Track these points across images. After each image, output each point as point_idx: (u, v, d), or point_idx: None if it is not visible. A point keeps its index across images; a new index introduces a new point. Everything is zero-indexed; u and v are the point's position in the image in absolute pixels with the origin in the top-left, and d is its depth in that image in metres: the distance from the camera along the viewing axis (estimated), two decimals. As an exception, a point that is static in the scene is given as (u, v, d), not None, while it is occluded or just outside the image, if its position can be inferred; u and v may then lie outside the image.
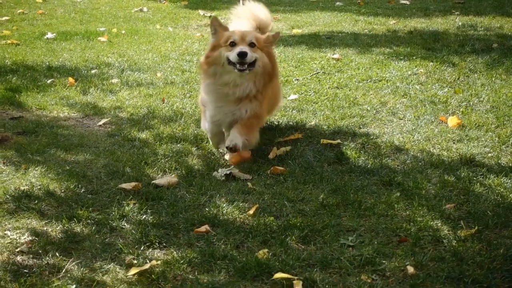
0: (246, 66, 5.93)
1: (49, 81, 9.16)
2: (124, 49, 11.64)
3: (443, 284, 4.02)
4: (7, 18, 15.23)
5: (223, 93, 6.09)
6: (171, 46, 11.95)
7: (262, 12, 7.22)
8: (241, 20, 7.18)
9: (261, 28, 7.00)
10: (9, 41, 12.23)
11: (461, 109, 7.58)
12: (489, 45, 10.87)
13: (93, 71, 9.80)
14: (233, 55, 5.93)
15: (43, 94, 8.58)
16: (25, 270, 4.22)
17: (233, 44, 6.02)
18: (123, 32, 13.42)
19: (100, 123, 7.47)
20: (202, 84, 6.47)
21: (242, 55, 5.87)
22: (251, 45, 6.03)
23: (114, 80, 9.28)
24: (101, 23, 14.73)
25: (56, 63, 10.38)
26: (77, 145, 6.65)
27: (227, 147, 5.99)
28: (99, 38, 12.65)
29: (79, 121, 7.63)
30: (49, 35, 12.91)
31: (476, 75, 9.05)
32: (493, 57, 9.88)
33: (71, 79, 9.13)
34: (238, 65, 5.92)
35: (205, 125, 6.50)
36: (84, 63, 10.41)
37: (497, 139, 6.55)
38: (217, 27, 6.24)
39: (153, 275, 4.15)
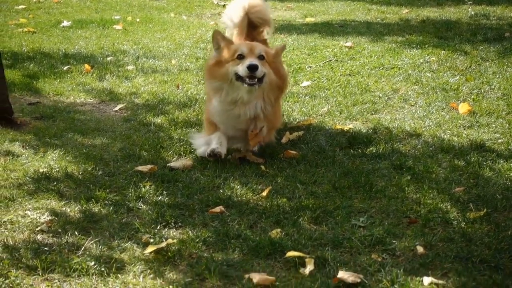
0: (256, 80, 5.59)
1: (65, 68, 9.29)
2: (139, 37, 11.77)
3: (451, 264, 4.12)
4: (23, 6, 15.39)
5: (234, 114, 5.81)
6: (185, 34, 12.07)
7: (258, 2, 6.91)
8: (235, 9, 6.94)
9: (259, 20, 6.83)
10: (25, 29, 12.37)
11: (472, 96, 7.67)
12: (501, 34, 10.95)
13: (108, 58, 9.93)
14: (242, 68, 5.58)
15: (60, 80, 8.72)
16: (45, 248, 4.35)
17: (241, 57, 5.67)
18: (137, 20, 13.55)
19: (116, 108, 7.60)
20: (207, 99, 6.27)
21: (252, 68, 5.52)
22: (260, 57, 5.70)
23: (130, 67, 9.40)
24: (116, 12, 14.86)
25: (72, 50, 10.52)
26: (93, 129, 6.78)
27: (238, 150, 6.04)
28: (114, 26, 12.78)
29: (95, 107, 7.76)
30: (65, 23, 13.06)
31: (487, 63, 9.12)
32: (505, 46, 9.96)
33: (87, 66, 9.26)
34: (247, 79, 5.58)
35: (201, 147, 6.01)
36: (100, 51, 10.54)
37: (507, 125, 6.64)
38: (220, 41, 5.88)
39: (169, 253, 4.27)
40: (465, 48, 9.98)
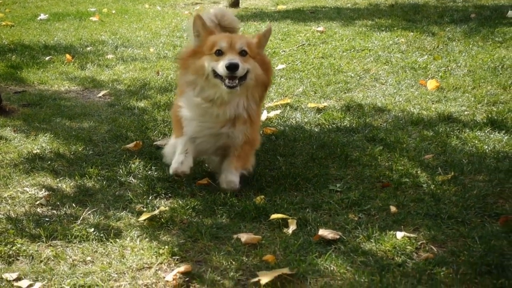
0: (237, 81, 4.82)
1: (47, 58, 9.60)
2: (116, 28, 12.08)
3: (422, 220, 4.48)
4: (-1, 1, 15.63)
5: (210, 112, 5.00)
6: (161, 23, 12.39)
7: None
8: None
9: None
10: (3, 23, 12.61)
11: (440, 74, 8.06)
12: (467, 15, 11.36)
13: (88, 48, 10.24)
14: (221, 67, 4.80)
15: (43, 70, 9.02)
16: (46, 219, 4.67)
17: (219, 53, 4.89)
18: (113, 12, 13.86)
19: (100, 94, 7.92)
20: (179, 93, 5.44)
21: (232, 67, 4.75)
22: (242, 53, 4.91)
23: (109, 56, 9.73)
24: (91, 4, 15.18)
25: (51, 42, 10.82)
26: (80, 114, 7.10)
27: (224, 189, 5.06)
28: (90, 18, 13.09)
29: (80, 94, 8.07)
30: (42, 16, 13.34)
31: (454, 43, 9.51)
32: (470, 26, 10.36)
33: (68, 56, 9.56)
34: (227, 80, 4.81)
35: (171, 156, 5.25)
36: (79, 41, 10.85)
37: (473, 99, 7.02)
38: (201, 28, 5.11)
39: (162, 220, 4.61)
40: (433, 29, 10.36)
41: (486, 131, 6.02)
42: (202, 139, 5.10)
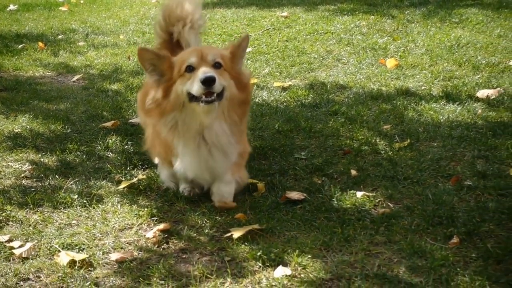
0: (215, 95, 4.18)
1: (20, 46, 9.89)
2: (85, 17, 12.39)
3: (380, 181, 4.88)
4: (-34, -8, 15.82)
5: (204, 157, 4.50)
6: (129, 12, 12.71)
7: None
8: None
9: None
10: (-27, 14, 12.86)
11: (399, 53, 8.47)
12: (426, -2, 11.80)
13: (59, 37, 10.56)
14: (196, 84, 4.16)
15: (17, 57, 9.33)
16: (31, 189, 5.01)
17: (191, 69, 4.26)
18: (81, 2, 14.11)
19: (74, 79, 8.26)
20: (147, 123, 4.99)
21: (208, 81, 4.11)
22: (216, 65, 4.29)
23: (81, 43, 10.06)
24: (59, -6, 15.41)
25: (23, 31, 11.13)
26: (56, 97, 7.42)
27: (218, 205, 4.62)
28: (60, 8, 13.37)
29: (54, 79, 8.39)
30: (11, 7, 13.61)
31: (413, 25, 9.92)
32: (429, 9, 10.77)
33: (40, 44, 9.87)
34: (204, 96, 4.17)
35: (166, 177, 5.01)
36: (50, 30, 11.16)
37: (430, 75, 7.44)
38: (154, 60, 4.39)
39: (140, 187, 4.97)
40: (393, 12, 10.76)
41: (441, 103, 6.42)
42: (195, 174, 4.64)
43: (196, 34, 5.22)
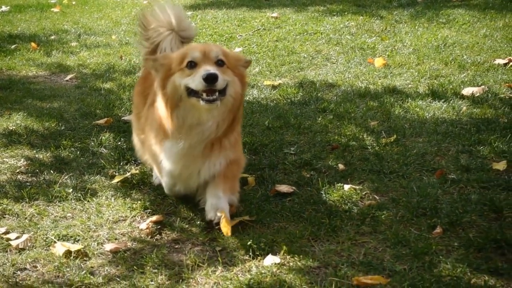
0: (216, 94, 4.00)
1: (13, 47, 10.01)
2: (77, 18, 12.50)
3: (367, 175, 5.02)
4: (-42, -6, 15.93)
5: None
6: (121, 13, 12.84)
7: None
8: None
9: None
10: (-35, 15, 12.96)
11: (387, 53, 8.61)
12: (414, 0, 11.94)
13: (52, 37, 10.67)
14: (196, 80, 4.00)
15: (10, 57, 9.44)
16: (27, 184, 5.14)
17: (192, 65, 4.09)
18: (73, 3, 14.22)
19: (67, 78, 8.38)
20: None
21: (210, 79, 3.94)
22: (219, 63, 4.12)
23: (73, 44, 10.18)
24: (51, -4, 15.53)
25: (15, 31, 11.24)
26: (50, 96, 7.54)
27: (211, 221, 4.33)
28: (52, 9, 13.47)
29: (47, 78, 8.51)
30: (3, 8, 13.70)
31: (401, 25, 10.08)
32: (417, 10, 10.93)
33: (33, 44, 9.99)
34: (204, 94, 3.99)
35: (159, 178, 4.87)
36: (42, 31, 11.29)
37: (416, 74, 7.58)
38: (158, 65, 4.28)
39: (133, 181, 5.10)
40: (381, 13, 10.92)
41: (427, 101, 6.57)
42: (184, 179, 4.49)
43: (178, 41, 5.02)
